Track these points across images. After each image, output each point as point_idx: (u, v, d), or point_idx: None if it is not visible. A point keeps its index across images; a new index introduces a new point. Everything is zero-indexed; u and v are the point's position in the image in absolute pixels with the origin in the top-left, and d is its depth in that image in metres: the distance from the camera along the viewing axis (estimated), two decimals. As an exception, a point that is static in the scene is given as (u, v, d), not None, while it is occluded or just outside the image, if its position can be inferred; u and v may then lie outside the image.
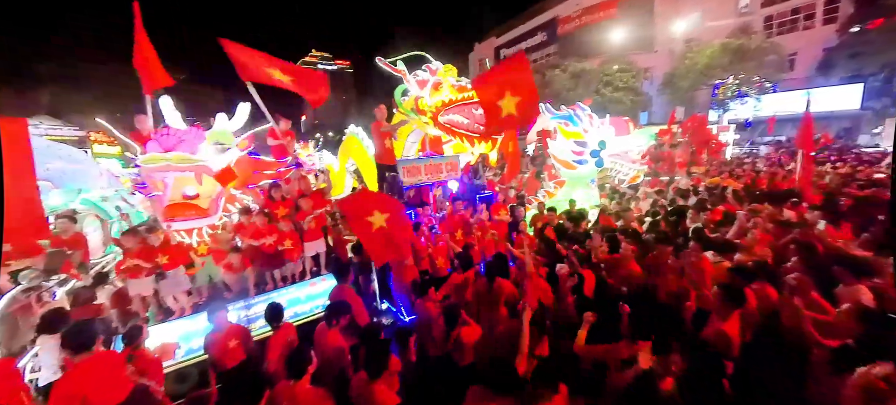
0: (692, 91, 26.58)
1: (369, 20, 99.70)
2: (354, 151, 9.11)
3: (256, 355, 3.54)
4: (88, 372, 2.35)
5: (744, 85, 23.95)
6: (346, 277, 3.99)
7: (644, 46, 30.17)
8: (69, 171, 6.52)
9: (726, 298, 2.90)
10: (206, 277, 4.95)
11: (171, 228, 4.34)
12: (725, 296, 2.92)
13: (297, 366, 2.46)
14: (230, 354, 3.36)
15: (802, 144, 6.76)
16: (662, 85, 28.71)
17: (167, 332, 4.16)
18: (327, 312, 3.27)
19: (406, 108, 6.33)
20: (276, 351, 3.17)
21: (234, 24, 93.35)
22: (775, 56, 24.01)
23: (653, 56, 30.22)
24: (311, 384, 2.51)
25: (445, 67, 6.24)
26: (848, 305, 2.80)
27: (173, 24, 78.04)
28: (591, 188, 8.05)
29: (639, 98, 28.21)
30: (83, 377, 2.32)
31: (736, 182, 8.82)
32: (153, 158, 4.02)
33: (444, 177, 6.40)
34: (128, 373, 2.57)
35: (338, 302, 3.44)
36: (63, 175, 6.36)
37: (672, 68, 27.87)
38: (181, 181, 4.17)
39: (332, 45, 36.62)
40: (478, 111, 6.13)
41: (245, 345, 3.50)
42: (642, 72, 28.54)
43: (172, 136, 4.03)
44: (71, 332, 2.54)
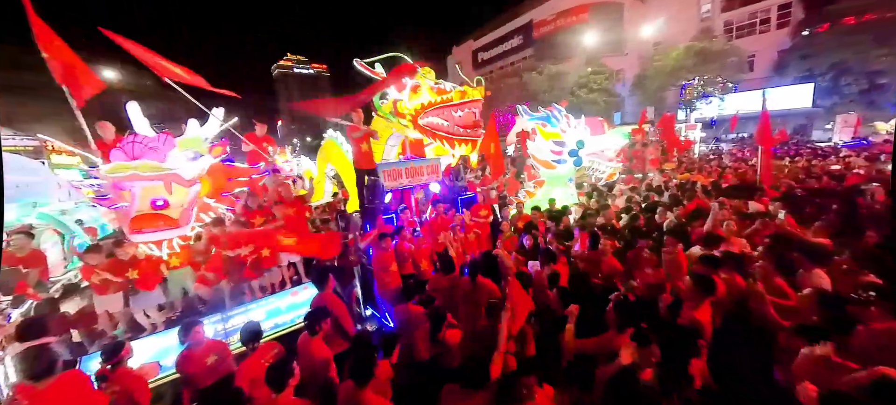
0: (661, 92, 27.85)
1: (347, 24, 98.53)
2: (334, 156, 8.96)
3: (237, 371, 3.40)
4: (55, 398, 2.25)
5: (708, 85, 25.34)
6: (325, 285, 3.87)
7: (615, 49, 31.37)
8: (23, 183, 6.08)
9: (698, 287, 3.05)
10: (179, 290, 4.73)
11: (136, 241, 4.11)
12: (697, 285, 3.06)
13: (278, 378, 2.37)
14: (209, 371, 3.16)
15: (761, 141, 7.18)
16: (633, 86, 29.92)
17: (138, 350, 3.94)
18: (308, 320, 3.17)
19: (385, 111, 6.29)
20: (249, 374, 2.92)
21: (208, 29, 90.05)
22: (735, 58, 25.54)
23: (624, 59, 31.46)
24: (297, 395, 2.44)
25: (424, 70, 6.25)
26: (808, 290, 2.99)
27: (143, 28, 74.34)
28: (569, 187, 8.25)
29: (612, 99, 29.24)
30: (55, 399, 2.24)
31: (704, 177, 9.26)
32: (118, 167, 3.79)
33: (425, 179, 6.39)
34: (108, 391, 2.44)
35: (317, 308, 3.35)
36: (17, 188, 5.92)
37: (642, 70, 29.09)
38: (149, 191, 3.96)
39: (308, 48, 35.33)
40: (457, 113, 6.18)
41: (225, 361, 3.33)
42: (614, 74, 29.62)
43: (139, 143, 3.82)
44: (28, 360, 2.41)
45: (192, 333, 3.20)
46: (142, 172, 3.82)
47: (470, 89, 6.13)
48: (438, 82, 6.15)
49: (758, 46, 26.70)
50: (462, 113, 6.14)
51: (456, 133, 6.12)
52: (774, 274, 3.33)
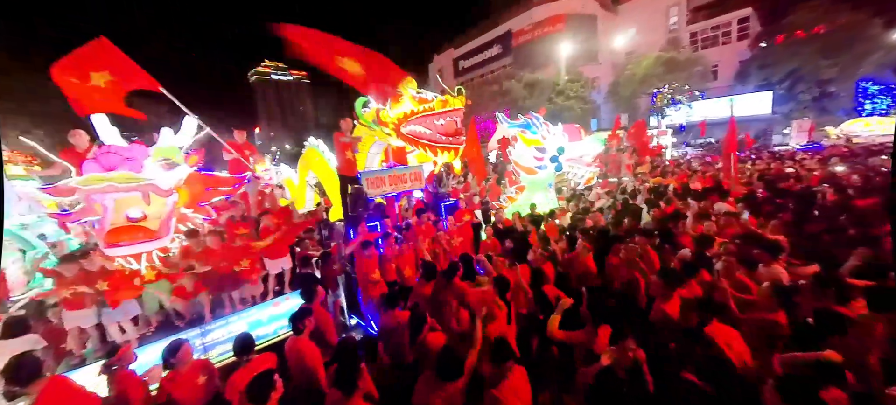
0: (633, 99, 29.12)
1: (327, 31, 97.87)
2: (315, 164, 8.87)
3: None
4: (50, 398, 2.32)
5: (677, 93, 26.70)
6: (313, 296, 3.86)
7: (590, 58, 32.60)
8: (-22, 197, 5.69)
9: (666, 282, 3.25)
10: (154, 304, 4.56)
11: (112, 255, 3.95)
12: (665, 280, 3.26)
13: (259, 391, 2.31)
14: (200, 393, 2.95)
15: (728, 147, 7.67)
16: (608, 93, 31.12)
17: (110, 369, 3.77)
18: (292, 321, 3.17)
19: (367, 119, 6.33)
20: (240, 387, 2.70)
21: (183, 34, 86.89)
22: (701, 67, 27.07)
23: (598, 67, 32.72)
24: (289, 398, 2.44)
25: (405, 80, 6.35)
26: (765, 284, 3.24)
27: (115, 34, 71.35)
28: (549, 191, 8.50)
29: (588, 106, 30.28)
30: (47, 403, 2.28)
31: (675, 180, 9.75)
32: (92, 179, 3.65)
33: (408, 186, 6.44)
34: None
35: (300, 308, 3.36)
36: (-29, 202, 5.54)
37: (615, 78, 30.34)
38: (124, 202, 3.83)
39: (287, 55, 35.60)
40: (439, 121, 6.29)
41: (213, 380, 3.15)
42: (589, 81, 30.72)
43: (115, 153, 3.70)
44: (11, 369, 2.41)
45: (181, 353, 2.91)
46: (118, 183, 3.69)
47: (451, 98, 6.28)
48: (420, 91, 6.27)
49: (721, 57, 28.43)
50: (444, 121, 6.26)
51: (438, 141, 6.23)
52: (737, 269, 3.58)
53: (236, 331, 4.32)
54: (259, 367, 2.95)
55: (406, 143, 6.33)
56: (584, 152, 8.05)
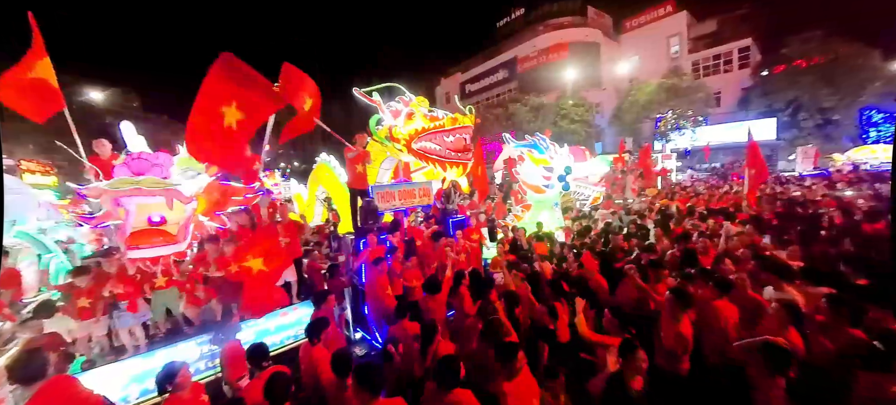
0: (637, 124, 29.49)
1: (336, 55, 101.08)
2: (325, 179, 9.04)
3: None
4: (51, 398, 2.31)
5: (681, 119, 27.02)
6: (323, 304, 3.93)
7: (594, 84, 33.30)
8: (2, 201, 5.88)
9: (677, 302, 3.18)
10: (161, 310, 4.59)
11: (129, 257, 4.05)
12: (676, 300, 3.20)
13: (277, 394, 2.33)
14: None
15: (753, 165, 7.69)
16: (611, 118, 31.58)
17: (119, 373, 3.79)
18: (309, 330, 3.22)
19: (380, 136, 6.54)
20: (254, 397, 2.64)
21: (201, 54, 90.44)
22: (703, 94, 27.49)
23: (602, 92, 33.36)
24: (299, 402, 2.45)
25: (418, 99, 6.61)
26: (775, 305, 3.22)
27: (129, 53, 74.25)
28: (555, 211, 8.57)
29: (591, 130, 30.72)
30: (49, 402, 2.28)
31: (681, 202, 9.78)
32: (122, 182, 3.82)
33: (416, 202, 6.55)
34: None
35: (317, 318, 3.40)
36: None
37: (619, 103, 30.86)
38: (145, 207, 3.97)
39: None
40: (448, 138, 6.48)
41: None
42: (593, 106, 31.27)
43: (144, 159, 3.88)
44: (18, 366, 2.43)
45: (179, 377, 2.63)
46: (146, 187, 3.85)
47: (461, 117, 6.50)
48: (432, 110, 6.52)
49: (723, 84, 28.91)
50: (453, 138, 6.45)
51: (448, 157, 6.40)
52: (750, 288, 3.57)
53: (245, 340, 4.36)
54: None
55: (417, 159, 6.49)
56: (589, 172, 8.19)
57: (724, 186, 14.41)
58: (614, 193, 11.97)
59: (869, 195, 8.44)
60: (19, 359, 2.54)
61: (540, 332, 3.35)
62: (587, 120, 30.37)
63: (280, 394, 2.28)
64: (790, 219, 6.94)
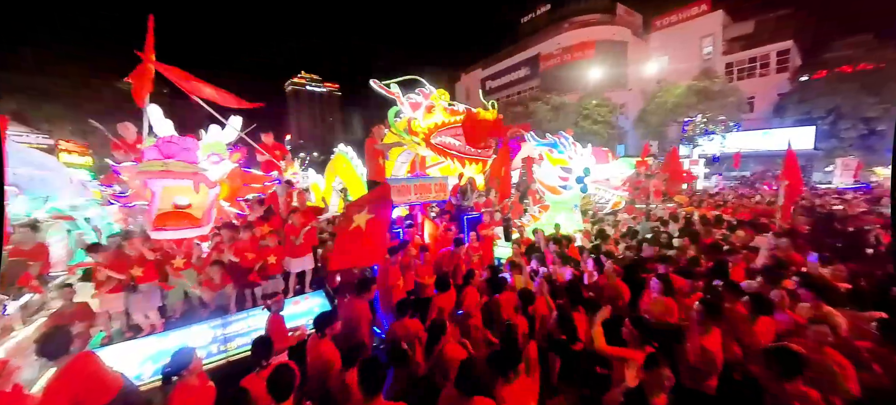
0: (663, 127, 28.36)
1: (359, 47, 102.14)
2: (342, 170, 9.09)
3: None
4: (74, 373, 2.40)
5: (710, 123, 25.81)
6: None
7: (619, 84, 32.24)
8: (37, 177, 6.16)
9: (706, 314, 3.03)
10: (180, 293, 4.70)
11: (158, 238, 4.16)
12: (706, 311, 3.04)
13: (280, 386, 2.26)
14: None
15: (788, 177, 7.24)
16: (636, 120, 30.51)
17: (135, 351, 3.89)
18: (317, 323, 3.17)
19: (399, 129, 6.45)
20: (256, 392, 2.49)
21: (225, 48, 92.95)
22: (735, 98, 26.13)
23: (627, 93, 32.27)
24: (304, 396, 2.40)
25: (439, 92, 6.48)
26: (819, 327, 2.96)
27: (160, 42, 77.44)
28: (574, 213, 8.30)
29: (614, 131, 29.81)
30: (71, 377, 2.38)
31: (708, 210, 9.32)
32: (152, 164, 3.91)
33: (432, 197, 6.46)
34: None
35: (326, 312, 3.36)
36: (30, 181, 5.99)
37: (644, 105, 29.77)
38: (171, 190, 4.05)
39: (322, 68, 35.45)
40: (469, 133, 6.36)
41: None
42: (617, 107, 30.32)
43: (174, 143, 3.96)
44: (44, 339, 2.50)
45: (193, 364, 2.52)
46: (175, 170, 3.92)
47: (483, 111, 6.33)
48: (452, 104, 6.37)
49: (758, 89, 27.40)
50: (473, 133, 6.34)
51: (467, 152, 6.26)
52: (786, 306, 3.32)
53: (256, 326, 4.41)
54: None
55: (436, 154, 6.40)
56: (611, 175, 7.86)
57: (755, 196, 13.68)
58: (637, 198, 11.54)
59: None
60: (47, 334, 2.60)
61: (553, 344, 3.20)
62: (610, 121, 29.48)
63: (284, 388, 2.22)
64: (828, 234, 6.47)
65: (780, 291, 3.42)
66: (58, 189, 6.56)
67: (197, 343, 4.16)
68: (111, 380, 2.63)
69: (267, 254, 4.90)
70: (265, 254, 4.87)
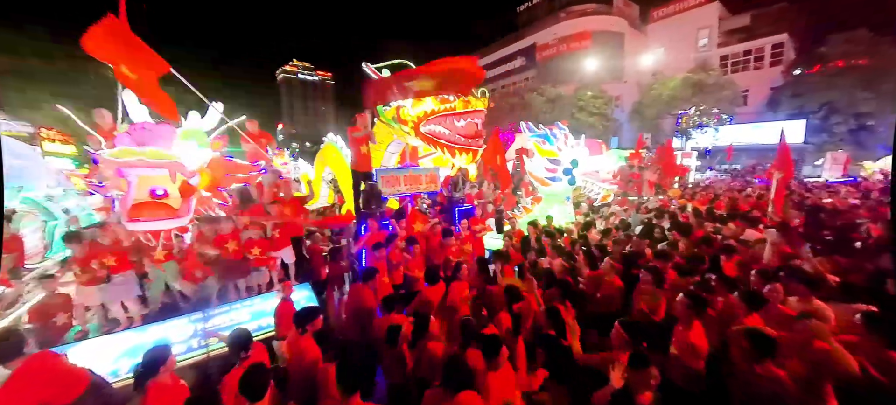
0: (658, 119, 28.38)
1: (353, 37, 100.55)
2: (332, 160, 8.90)
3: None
4: (31, 374, 2.31)
5: (704, 116, 25.88)
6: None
7: (615, 76, 32.12)
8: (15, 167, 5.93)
9: (691, 307, 2.98)
10: (160, 285, 4.56)
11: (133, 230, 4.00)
12: (690, 304, 2.99)
13: (253, 385, 2.18)
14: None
15: (781, 167, 7.20)
16: (631, 113, 30.50)
17: (112, 346, 3.76)
18: (297, 319, 3.06)
19: (387, 117, 6.28)
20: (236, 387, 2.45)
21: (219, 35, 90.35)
22: (730, 91, 26.18)
23: (622, 85, 32.17)
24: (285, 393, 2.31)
25: (428, 78, 6.30)
26: None
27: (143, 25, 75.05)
28: (566, 205, 8.24)
29: (609, 123, 29.77)
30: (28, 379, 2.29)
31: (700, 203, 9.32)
32: (124, 152, 3.72)
33: (423, 188, 6.34)
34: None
35: (308, 307, 3.25)
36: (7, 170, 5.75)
37: (640, 97, 29.74)
38: (148, 180, 3.87)
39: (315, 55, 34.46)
40: (459, 122, 6.18)
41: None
42: (612, 99, 30.23)
43: (148, 130, 3.77)
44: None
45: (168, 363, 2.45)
46: (149, 159, 3.74)
47: (473, 99, 6.17)
48: (442, 91, 6.21)
49: (752, 82, 27.49)
50: (464, 122, 6.15)
51: (457, 142, 6.11)
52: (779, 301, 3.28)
53: (238, 319, 4.29)
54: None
55: (425, 143, 6.24)
56: (600, 167, 7.76)
57: (747, 189, 13.75)
58: (629, 190, 11.52)
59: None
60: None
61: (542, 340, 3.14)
62: (605, 113, 29.42)
63: (257, 389, 2.12)
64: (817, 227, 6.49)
65: (776, 285, 3.38)
66: (34, 178, 6.32)
67: (176, 337, 4.06)
68: (76, 377, 2.51)
69: (251, 246, 4.77)
70: (249, 246, 4.74)
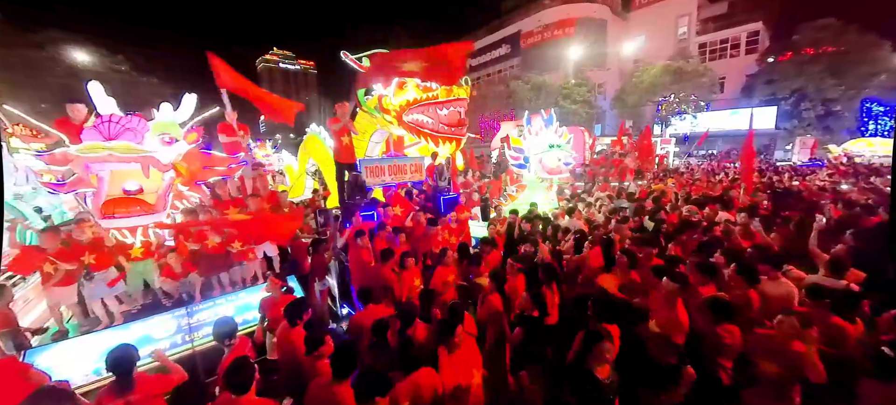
0: (639, 106, 28.96)
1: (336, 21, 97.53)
2: (315, 151, 8.77)
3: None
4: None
5: (683, 103, 26.55)
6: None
7: (598, 64, 32.39)
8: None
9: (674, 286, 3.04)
10: (139, 282, 4.45)
11: (107, 226, 3.87)
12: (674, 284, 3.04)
13: (237, 379, 2.19)
14: None
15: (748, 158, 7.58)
16: (614, 100, 30.97)
17: (91, 345, 3.68)
18: (288, 312, 3.11)
19: (369, 107, 6.21)
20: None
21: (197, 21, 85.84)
22: (708, 79, 26.90)
23: (605, 73, 32.54)
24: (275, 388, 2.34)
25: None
26: None
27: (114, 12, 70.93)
28: (550, 192, 8.40)
29: (593, 111, 30.16)
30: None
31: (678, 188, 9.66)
32: (92, 147, 3.55)
33: (408, 178, 6.34)
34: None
35: (297, 299, 3.30)
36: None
37: (622, 85, 30.20)
38: (121, 175, 3.74)
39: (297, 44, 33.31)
40: (442, 111, 6.18)
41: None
42: (596, 87, 30.57)
43: (116, 123, 3.60)
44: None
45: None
46: (119, 153, 3.59)
47: (456, 88, 6.16)
48: (425, 80, 6.16)
49: (728, 69, 28.30)
50: (447, 111, 6.14)
51: (441, 131, 6.12)
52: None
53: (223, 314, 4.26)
54: (241, 351, 2.87)
55: (408, 132, 6.22)
56: (541, 156, 7.87)
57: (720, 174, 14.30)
58: (611, 176, 11.81)
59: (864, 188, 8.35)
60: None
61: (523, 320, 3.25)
62: (589, 100, 29.76)
63: (241, 382, 2.15)
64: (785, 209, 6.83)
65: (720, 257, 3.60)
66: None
67: (160, 334, 4.00)
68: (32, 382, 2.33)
69: (232, 240, 4.70)
70: (230, 240, 4.67)
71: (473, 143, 22.27)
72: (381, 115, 6.17)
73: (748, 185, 7.49)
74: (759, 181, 11.20)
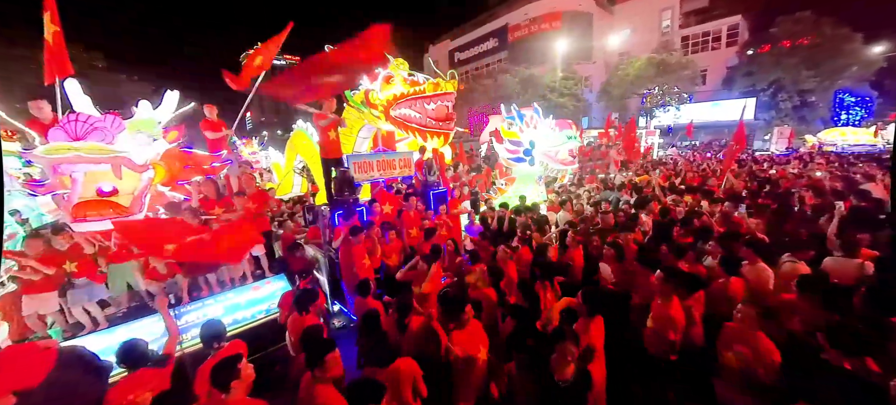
0: (625, 99, 29.39)
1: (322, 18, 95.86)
2: (302, 147, 8.65)
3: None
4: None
5: (666, 95, 27.07)
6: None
7: (584, 57, 32.69)
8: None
9: (666, 280, 3.05)
10: (122, 285, 4.33)
11: (80, 230, 3.73)
12: (666, 278, 3.05)
13: (223, 377, 2.16)
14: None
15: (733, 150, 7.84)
16: (600, 93, 31.34)
17: (74, 349, 3.58)
18: (298, 302, 3.36)
19: (356, 101, 6.14)
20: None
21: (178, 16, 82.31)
22: (691, 71, 27.46)
23: (592, 66, 32.87)
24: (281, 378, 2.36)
25: (397, 61, 6.17)
26: None
27: (89, 6, 67.77)
28: (538, 185, 8.50)
29: (580, 104, 30.47)
30: None
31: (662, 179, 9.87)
32: (58, 148, 3.40)
33: (397, 173, 6.31)
34: None
35: (306, 290, 3.46)
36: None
37: (608, 78, 30.56)
38: (94, 176, 3.60)
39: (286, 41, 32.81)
40: (430, 105, 6.16)
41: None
42: (583, 80, 30.86)
43: (83, 122, 3.45)
44: None
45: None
46: (86, 154, 3.44)
47: (443, 82, 6.14)
48: (412, 74, 6.11)
49: (710, 62, 28.93)
50: (435, 105, 6.12)
51: (428, 125, 6.10)
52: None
53: (212, 315, 4.20)
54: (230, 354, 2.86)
55: (395, 127, 6.18)
56: (558, 149, 7.96)
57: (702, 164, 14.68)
58: (597, 168, 12.01)
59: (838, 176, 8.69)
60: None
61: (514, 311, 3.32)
62: (576, 93, 30.04)
63: (224, 379, 2.14)
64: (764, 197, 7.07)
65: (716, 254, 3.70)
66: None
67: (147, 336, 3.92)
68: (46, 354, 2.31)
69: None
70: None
71: (463, 137, 22.24)
72: (368, 110, 6.12)
73: (725, 170, 7.76)
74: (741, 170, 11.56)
